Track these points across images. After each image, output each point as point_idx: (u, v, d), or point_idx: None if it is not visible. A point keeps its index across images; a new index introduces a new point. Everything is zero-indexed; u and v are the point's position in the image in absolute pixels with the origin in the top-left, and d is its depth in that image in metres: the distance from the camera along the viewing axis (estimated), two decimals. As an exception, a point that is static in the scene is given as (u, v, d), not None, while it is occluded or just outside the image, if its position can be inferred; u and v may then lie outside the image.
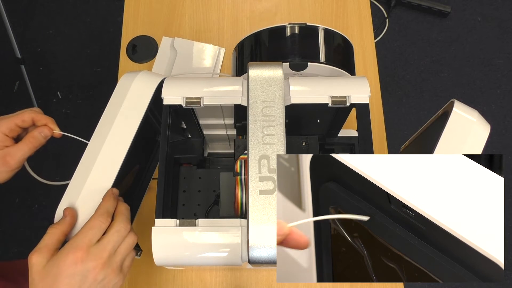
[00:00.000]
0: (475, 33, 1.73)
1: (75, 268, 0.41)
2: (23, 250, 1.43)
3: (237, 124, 0.55)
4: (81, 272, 0.42)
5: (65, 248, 0.43)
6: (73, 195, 0.48)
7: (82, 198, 0.47)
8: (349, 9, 0.89)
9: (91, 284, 0.42)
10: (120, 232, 0.45)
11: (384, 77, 1.66)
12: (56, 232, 0.44)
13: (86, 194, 0.47)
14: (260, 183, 0.42)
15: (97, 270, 0.42)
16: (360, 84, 0.52)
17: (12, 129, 0.51)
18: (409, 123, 1.59)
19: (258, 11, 0.89)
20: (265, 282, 0.69)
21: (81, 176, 0.49)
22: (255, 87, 0.47)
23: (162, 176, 0.49)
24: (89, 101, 1.60)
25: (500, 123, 1.61)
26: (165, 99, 0.52)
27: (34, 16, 1.75)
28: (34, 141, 0.52)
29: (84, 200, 0.47)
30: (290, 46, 0.63)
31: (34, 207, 1.49)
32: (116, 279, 0.44)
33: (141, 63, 0.85)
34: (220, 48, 0.85)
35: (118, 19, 1.72)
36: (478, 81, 1.67)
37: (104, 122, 0.51)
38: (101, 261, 0.42)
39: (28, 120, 0.52)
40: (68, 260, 0.41)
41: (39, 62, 1.67)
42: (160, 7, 0.89)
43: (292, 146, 0.56)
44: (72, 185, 0.48)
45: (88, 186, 0.48)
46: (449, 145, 0.48)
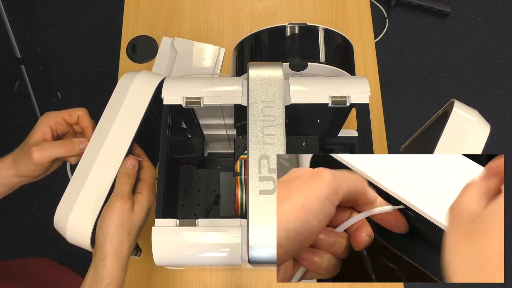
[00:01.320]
0: (475, 33, 1.73)
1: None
2: (23, 250, 1.43)
3: (237, 124, 0.55)
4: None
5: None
6: (72, 195, 0.48)
7: (81, 198, 0.47)
8: (349, 9, 0.89)
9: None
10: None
11: (384, 77, 1.66)
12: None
13: (85, 194, 0.47)
14: (260, 183, 0.42)
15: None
16: (360, 84, 0.52)
17: (58, 122, 0.51)
18: (409, 123, 1.59)
19: (258, 11, 0.89)
20: (265, 282, 0.69)
21: (80, 176, 0.49)
22: (255, 87, 0.47)
23: (162, 176, 0.49)
24: (89, 101, 1.60)
25: (500, 123, 1.61)
26: (165, 99, 0.52)
27: (34, 16, 1.75)
28: (69, 147, 0.51)
29: (83, 201, 0.47)
30: (290, 46, 0.63)
31: (34, 207, 1.49)
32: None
33: (141, 63, 0.85)
34: (220, 48, 0.85)
35: (118, 19, 1.71)
36: (478, 81, 1.67)
37: (104, 122, 0.51)
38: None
39: (74, 116, 0.52)
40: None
41: (39, 62, 1.67)
42: (160, 7, 0.89)
43: (292, 146, 0.56)
44: (71, 185, 0.48)
45: (87, 186, 0.48)
46: (449, 145, 0.48)
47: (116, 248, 0.46)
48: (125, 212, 0.46)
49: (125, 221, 0.47)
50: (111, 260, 0.46)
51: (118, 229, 0.46)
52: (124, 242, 0.47)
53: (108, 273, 0.45)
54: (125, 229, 0.47)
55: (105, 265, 0.45)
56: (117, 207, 0.46)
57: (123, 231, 0.46)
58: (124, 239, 0.47)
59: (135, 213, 0.48)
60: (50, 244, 1.43)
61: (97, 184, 0.48)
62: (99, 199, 0.47)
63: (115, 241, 0.46)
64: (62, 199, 0.48)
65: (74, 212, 0.47)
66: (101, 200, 0.47)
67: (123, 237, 0.46)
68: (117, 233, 0.46)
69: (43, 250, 1.42)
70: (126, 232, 0.47)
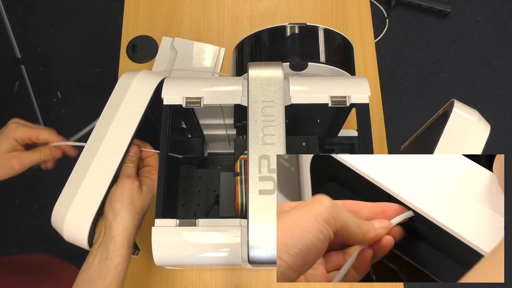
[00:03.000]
0: (475, 33, 1.73)
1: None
2: (23, 250, 1.43)
3: (237, 124, 0.55)
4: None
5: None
6: (69, 195, 0.47)
7: (79, 197, 0.47)
8: (349, 9, 0.89)
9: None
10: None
11: (384, 77, 1.66)
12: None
13: (83, 192, 0.47)
14: (260, 183, 0.42)
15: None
16: (360, 84, 0.52)
17: (24, 139, 0.53)
18: (409, 123, 1.59)
19: (258, 11, 0.89)
20: (265, 282, 0.69)
21: (78, 175, 0.48)
22: (255, 87, 0.47)
23: (162, 176, 0.49)
24: (89, 101, 1.60)
25: (500, 123, 1.61)
26: (165, 99, 0.52)
27: (34, 16, 1.75)
28: (44, 156, 0.54)
29: (80, 200, 0.47)
30: (290, 46, 0.63)
31: (34, 207, 1.49)
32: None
33: (141, 63, 0.85)
34: (220, 48, 0.85)
35: (118, 19, 1.71)
36: (478, 81, 1.67)
37: (103, 121, 0.51)
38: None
39: (43, 140, 0.54)
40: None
41: (39, 62, 1.67)
42: (160, 7, 0.89)
43: (292, 146, 0.56)
44: (69, 184, 0.48)
45: (85, 185, 0.48)
46: (449, 145, 0.48)
47: (126, 227, 0.47)
48: (134, 190, 0.48)
49: (135, 199, 0.48)
50: (122, 238, 0.47)
51: (128, 206, 0.47)
52: (133, 221, 0.48)
53: (118, 251, 0.46)
54: (134, 208, 0.48)
55: (116, 243, 0.46)
56: (126, 185, 0.48)
57: (132, 209, 0.48)
58: (134, 218, 0.48)
59: (143, 194, 0.50)
60: (50, 244, 1.43)
61: (95, 182, 0.48)
62: (97, 198, 0.47)
63: (125, 218, 0.47)
64: (60, 198, 0.48)
65: (71, 211, 0.47)
66: (99, 198, 0.47)
67: (133, 215, 0.48)
68: (127, 210, 0.47)
69: (43, 250, 1.42)
70: (135, 211, 0.48)
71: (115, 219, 0.47)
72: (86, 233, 0.47)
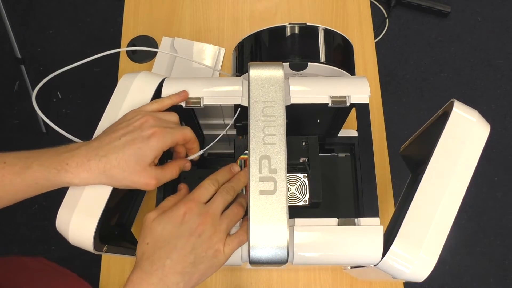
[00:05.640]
0: (475, 33, 1.73)
1: (183, 217, 0.43)
2: (23, 250, 1.43)
3: (237, 124, 0.55)
4: (188, 222, 0.42)
5: (177, 204, 0.44)
6: (74, 198, 0.47)
7: (84, 200, 0.47)
8: (349, 9, 0.89)
9: (194, 237, 0.42)
10: (225, 198, 0.45)
11: (384, 77, 1.66)
12: (172, 199, 0.46)
13: (86, 196, 0.47)
14: (260, 183, 0.42)
15: (202, 225, 0.42)
16: (360, 84, 0.52)
17: (169, 146, 0.47)
18: (409, 123, 1.59)
19: (258, 11, 0.89)
20: (265, 282, 0.70)
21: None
22: (256, 87, 0.47)
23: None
24: (89, 101, 1.60)
25: (500, 123, 1.61)
26: (165, 99, 0.52)
27: (34, 16, 1.75)
28: (174, 173, 0.49)
29: (85, 201, 0.47)
30: (290, 46, 0.63)
31: (34, 207, 1.49)
32: (218, 244, 0.43)
33: (141, 63, 0.85)
34: (220, 48, 0.85)
35: (118, 19, 1.71)
36: (478, 81, 1.67)
37: (105, 122, 0.51)
38: (208, 217, 0.43)
39: (187, 138, 0.50)
40: (179, 211, 0.43)
41: (39, 62, 1.67)
42: (160, 7, 0.89)
43: (292, 146, 0.56)
44: (72, 188, 0.48)
45: (88, 189, 0.47)
46: (449, 145, 0.48)
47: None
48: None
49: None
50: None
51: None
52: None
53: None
54: None
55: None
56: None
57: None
58: None
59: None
60: (50, 244, 1.43)
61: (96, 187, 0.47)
62: (101, 200, 0.47)
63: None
64: (64, 201, 0.47)
65: (76, 214, 0.46)
66: (103, 201, 0.47)
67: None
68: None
69: (43, 250, 1.42)
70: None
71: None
72: (91, 237, 0.46)
